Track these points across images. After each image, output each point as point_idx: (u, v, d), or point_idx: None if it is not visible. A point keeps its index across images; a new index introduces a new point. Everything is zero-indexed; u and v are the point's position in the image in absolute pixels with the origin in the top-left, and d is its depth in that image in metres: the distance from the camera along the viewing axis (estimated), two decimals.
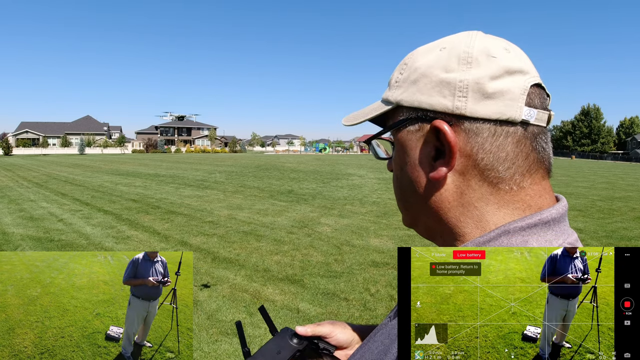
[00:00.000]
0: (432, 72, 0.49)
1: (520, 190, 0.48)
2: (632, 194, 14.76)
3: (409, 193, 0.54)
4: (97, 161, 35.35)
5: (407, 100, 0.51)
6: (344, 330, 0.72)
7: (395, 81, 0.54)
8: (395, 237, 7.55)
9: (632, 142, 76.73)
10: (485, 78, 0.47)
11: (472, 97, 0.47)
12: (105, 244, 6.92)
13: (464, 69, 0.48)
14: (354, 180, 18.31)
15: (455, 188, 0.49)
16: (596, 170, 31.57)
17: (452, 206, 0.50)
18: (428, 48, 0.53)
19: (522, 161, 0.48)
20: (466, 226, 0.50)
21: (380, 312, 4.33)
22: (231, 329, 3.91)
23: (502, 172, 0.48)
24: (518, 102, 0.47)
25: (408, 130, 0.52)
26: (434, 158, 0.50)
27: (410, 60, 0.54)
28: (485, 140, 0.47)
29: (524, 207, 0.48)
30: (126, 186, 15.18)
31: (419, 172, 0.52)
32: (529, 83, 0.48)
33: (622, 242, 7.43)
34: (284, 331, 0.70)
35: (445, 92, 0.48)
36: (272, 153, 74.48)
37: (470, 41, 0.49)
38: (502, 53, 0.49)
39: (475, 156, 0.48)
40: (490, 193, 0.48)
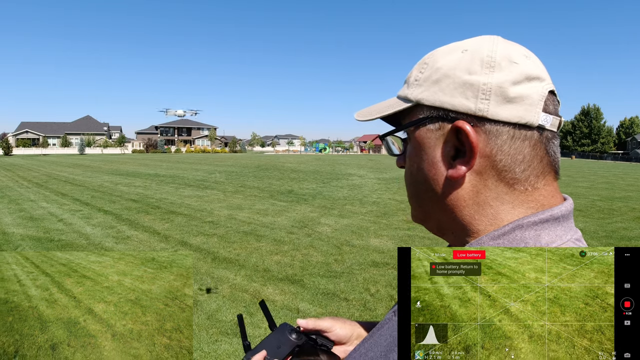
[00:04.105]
0: (455, 73, 0.51)
1: (534, 190, 0.51)
2: (632, 194, 14.76)
3: (424, 190, 0.55)
4: (97, 161, 35.35)
5: (428, 99, 0.52)
6: (344, 326, 0.73)
7: (415, 79, 0.55)
8: (395, 237, 7.55)
9: (632, 142, 76.71)
10: (508, 83, 0.49)
11: (494, 100, 0.49)
12: (105, 244, 6.91)
13: (486, 72, 0.49)
14: (354, 180, 18.30)
15: (471, 187, 0.51)
16: (596, 170, 31.56)
17: (468, 204, 0.51)
18: (449, 49, 0.54)
19: (537, 164, 0.50)
20: (480, 224, 0.51)
21: (380, 312, 4.33)
22: (231, 329, 3.91)
23: (518, 174, 0.50)
24: (536, 108, 0.49)
25: (427, 129, 0.53)
26: (453, 157, 0.51)
27: (430, 60, 0.55)
28: (505, 143, 0.49)
29: (537, 207, 0.50)
30: (126, 186, 15.18)
31: (437, 170, 0.53)
32: (546, 90, 0.51)
33: (622, 242, 7.43)
34: (282, 326, 0.71)
35: (468, 93, 0.49)
36: (272, 153, 74.46)
37: (493, 46, 0.51)
38: (522, 59, 0.51)
39: (494, 157, 0.49)
40: (505, 193, 0.50)
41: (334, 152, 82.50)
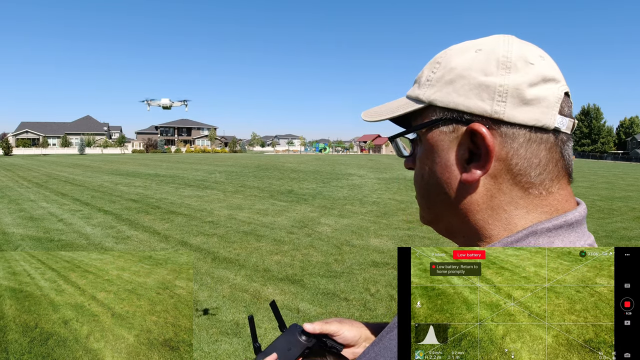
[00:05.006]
0: (470, 74, 0.49)
1: (549, 195, 0.49)
2: (632, 194, 14.76)
3: (435, 193, 0.54)
4: (97, 161, 35.35)
5: (441, 101, 0.51)
6: (351, 328, 0.72)
7: (427, 79, 0.53)
8: (395, 237, 7.55)
9: (632, 142, 76.72)
10: (524, 84, 0.48)
11: (510, 102, 0.47)
12: (105, 244, 6.92)
13: (502, 73, 0.48)
14: (354, 180, 18.31)
15: (485, 191, 0.50)
16: (596, 170, 31.57)
17: (481, 208, 0.50)
18: (462, 48, 0.52)
19: (552, 167, 0.49)
20: (494, 228, 0.50)
21: (380, 312, 4.33)
22: (231, 329, 3.91)
23: (533, 178, 0.49)
24: (553, 110, 0.48)
25: (440, 131, 0.51)
26: (467, 161, 0.50)
27: (443, 60, 0.53)
28: (521, 146, 0.48)
29: (551, 211, 0.49)
30: (126, 186, 15.18)
31: (450, 174, 0.51)
32: (562, 91, 0.50)
33: (622, 242, 7.43)
34: (292, 327, 0.70)
35: (483, 95, 0.48)
36: (272, 153, 74.48)
37: (508, 46, 0.50)
38: (538, 60, 0.49)
39: (510, 161, 0.48)
40: (520, 197, 0.49)
41: (334, 152, 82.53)
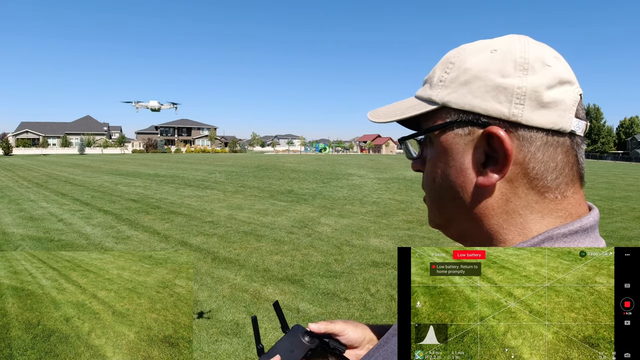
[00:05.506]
0: (487, 75, 0.48)
1: (564, 199, 0.49)
2: (632, 194, 14.76)
3: (449, 197, 0.52)
4: (97, 161, 35.35)
5: (456, 102, 0.50)
6: (356, 329, 0.71)
7: (440, 80, 0.52)
8: (395, 237, 7.55)
9: (632, 142, 76.72)
10: (542, 87, 0.47)
11: (528, 105, 0.46)
12: (105, 244, 6.92)
13: (520, 75, 0.47)
14: (354, 180, 18.31)
15: (501, 195, 0.49)
16: (596, 170, 31.56)
17: (496, 213, 0.49)
18: (477, 48, 0.51)
19: (568, 171, 0.49)
20: (509, 233, 0.49)
21: (380, 312, 4.33)
22: (231, 329, 3.91)
23: (549, 182, 0.48)
24: (569, 113, 0.48)
25: (455, 133, 0.50)
26: (483, 164, 0.49)
27: (457, 60, 0.51)
28: (538, 150, 0.47)
29: (565, 216, 0.49)
30: (126, 186, 15.18)
31: (465, 177, 0.50)
32: (577, 94, 0.49)
33: (622, 242, 7.43)
34: (295, 328, 0.70)
35: (501, 97, 0.47)
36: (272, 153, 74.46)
37: (525, 47, 0.49)
38: (554, 62, 0.49)
39: (527, 165, 0.47)
40: (535, 202, 0.48)
41: (334, 152, 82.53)
